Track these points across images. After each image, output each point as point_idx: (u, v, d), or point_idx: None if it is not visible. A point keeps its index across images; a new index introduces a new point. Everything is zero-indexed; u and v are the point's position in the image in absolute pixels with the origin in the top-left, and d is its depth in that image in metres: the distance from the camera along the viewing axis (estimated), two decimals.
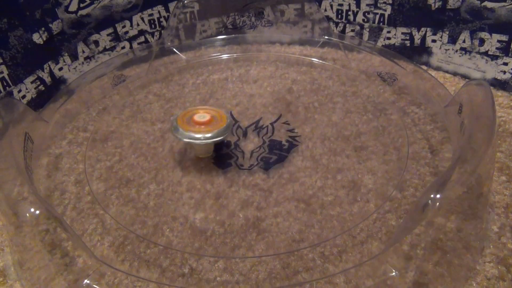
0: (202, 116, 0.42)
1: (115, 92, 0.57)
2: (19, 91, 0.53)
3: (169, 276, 0.34)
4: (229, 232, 0.37)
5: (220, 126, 0.42)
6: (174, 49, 0.63)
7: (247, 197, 0.40)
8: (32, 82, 0.54)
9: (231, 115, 0.51)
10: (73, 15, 0.57)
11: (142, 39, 0.65)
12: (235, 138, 0.48)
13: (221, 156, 0.45)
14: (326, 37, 0.61)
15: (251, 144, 0.47)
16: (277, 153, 0.45)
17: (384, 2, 0.59)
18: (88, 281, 0.33)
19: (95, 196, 0.42)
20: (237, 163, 0.44)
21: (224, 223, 0.38)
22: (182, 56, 0.63)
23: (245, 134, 0.48)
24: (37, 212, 0.33)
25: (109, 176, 0.44)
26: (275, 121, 0.50)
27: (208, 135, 0.41)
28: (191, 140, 0.41)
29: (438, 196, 0.29)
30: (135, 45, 0.65)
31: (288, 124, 0.49)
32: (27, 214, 0.33)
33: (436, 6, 0.55)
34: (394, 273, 0.31)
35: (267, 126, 0.49)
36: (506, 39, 0.51)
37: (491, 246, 0.36)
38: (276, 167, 0.43)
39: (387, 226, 0.37)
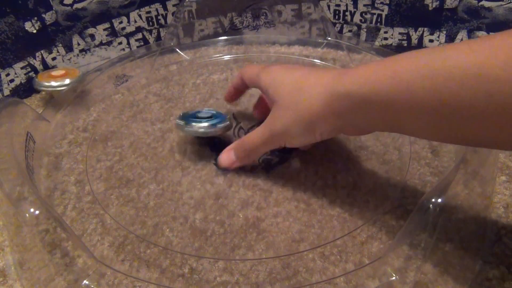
0: (58, 72, 0.56)
1: (115, 92, 0.57)
2: (7, 74, 0.53)
3: (169, 276, 0.34)
4: (229, 232, 0.37)
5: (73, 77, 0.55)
6: (175, 48, 0.63)
7: (247, 197, 0.40)
8: (22, 68, 0.54)
9: (233, 115, 0.51)
10: (68, 8, 0.57)
11: (139, 36, 0.65)
12: (237, 139, 0.47)
13: None
14: (329, 38, 0.61)
15: None
16: (278, 155, 0.45)
17: (381, 2, 0.59)
18: (87, 282, 0.33)
19: (95, 196, 0.42)
20: None
21: (224, 223, 0.38)
22: (183, 55, 0.63)
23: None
24: (37, 212, 0.33)
25: (109, 176, 0.44)
26: None
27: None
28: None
29: (439, 200, 0.29)
30: (132, 41, 0.65)
31: None
32: (27, 214, 0.33)
33: (433, 6, 0.55)
34: (394, 278, 0.31)
35: None
36: None
37: (492, 246, 0.36)
38: (276, 167, 0.43)
39: (387, 226, 0.37)
